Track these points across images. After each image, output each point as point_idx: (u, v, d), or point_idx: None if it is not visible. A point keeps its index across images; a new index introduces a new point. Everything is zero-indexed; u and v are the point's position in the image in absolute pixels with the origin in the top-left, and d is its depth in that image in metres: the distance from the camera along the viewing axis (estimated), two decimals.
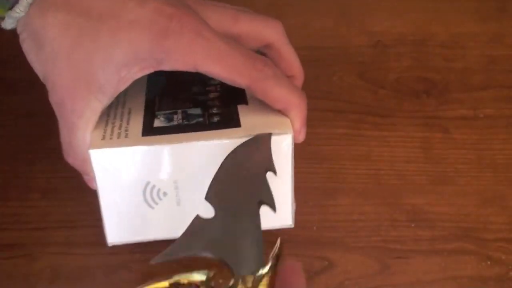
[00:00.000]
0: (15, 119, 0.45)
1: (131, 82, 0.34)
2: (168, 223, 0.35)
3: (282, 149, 0.34)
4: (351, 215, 0.42)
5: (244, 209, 0.30)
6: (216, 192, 0.31)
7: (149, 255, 0.40)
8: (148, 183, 0.34)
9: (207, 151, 0.33)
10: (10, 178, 0.43)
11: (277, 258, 0.30)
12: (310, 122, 0.46)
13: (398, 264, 0.40)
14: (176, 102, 0.36)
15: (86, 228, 0.41)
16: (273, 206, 0.31)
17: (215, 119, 0.35)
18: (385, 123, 0.47)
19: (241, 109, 0.35)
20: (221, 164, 0.32)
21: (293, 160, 0.35)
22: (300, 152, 0.45)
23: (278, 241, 0.30)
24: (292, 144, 0.34)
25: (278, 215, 0.34)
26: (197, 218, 0.30)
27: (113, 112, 0.36)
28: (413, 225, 0.42)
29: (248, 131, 0.33)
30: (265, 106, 0.34)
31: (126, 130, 0.34)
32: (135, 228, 0.35)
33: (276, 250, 0.29)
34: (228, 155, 0.32)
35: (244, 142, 0.33)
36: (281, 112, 0.35)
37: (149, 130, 0.34)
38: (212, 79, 0.35)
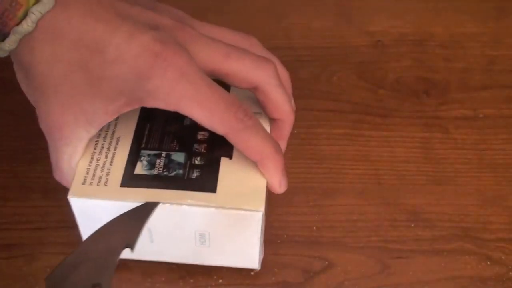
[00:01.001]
0: (15, 119, 0.45)
1: (118, 114, 0.34)
2: (143, 252, 0.38)
3: (252, 222, 0.35)
4: (351, 215, 0.42)
5: None
6: (56, 275, 0.31)
7: None
8: None
9: (178, 212, 0.34)
10: (10, 178, 0.43)
11: None
12: (310, 122, 0.47)
13: (398, 264, 0.40)
14: (163, 140, 0.36)
15: None
16: None
17: (195, 174, 0.35)
18: (385, 123, 0.47)
19: (223, 165, 0.35)
20: (83, 241, 0.32)
21: (263, 226, 0.36)
22: (300, 152, 0.45)
23: None
24: (262, 217, 0.35)
25: (246, 260, 0.38)
26: None
27: (101, 141, 0.36)
28: (413, 225, 0.42)
29: (220, 201, 0.34)
30: (247, 164, 0.35)
31: (107, 175, 0.35)
32: None
33: None
34: (99, 229, 0.32)
35: (126, 212, 0.33)
36: (258, 165, 0.35)
37: (129, 178, 0.35)
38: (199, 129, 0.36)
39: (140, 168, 0.35)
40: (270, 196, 0.36)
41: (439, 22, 0.52)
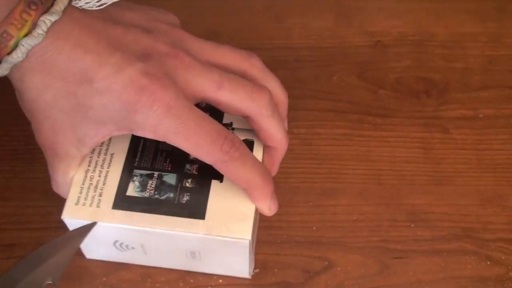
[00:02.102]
0: (15, 119, 0.45)
1: (110, 137, 0.34)
2: (137, 260, 0.40)
3: (240, 248, 0.35)
4: (351, 215, 0.42)
5: None
6: None
7: None
8: (116, 241, 0.37)
9: (169, 236, 0.35)
10: (10, 178, 0.43)
11: None
12: (310, 122, 0.47)
13: (398, 264, 0.40)
14: (156, 158, 0.37)
15: None
16: None
17: (185, 198, 0.35)
18: (385, 123, 0.47)
19: (214, 189, 0.36)
20: (7, 272, 0.32)
21: (253, 246, 0.37)
22: (300, 152, 0.45)
23: None
24: (250, 243, 0.35)
25: (237, 272, 0.39)
26: None
27: (95, 157, 0.37)
28: (413, 225, 0.42)
29: (208, 229, 0.35)
30: (236, 187, 0.35)
31: (100, 195, 0.35)
32: (110, 257, 0.40)
33: None
34: (26, 257, 0.32)
35: (60, 237, 0.34)
36: (246, 192, 0.35)
37: (120, 200, 0.35)
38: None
39: (132, 190, 0.36)
40: None
41: (439, 22, 0.52)
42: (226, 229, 0.35)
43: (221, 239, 0.35)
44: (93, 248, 0.39)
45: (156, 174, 0.36)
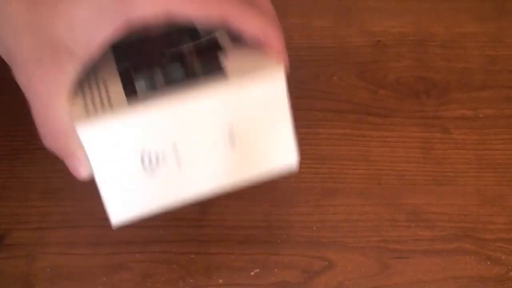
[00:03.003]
0: (15, 119, 0.45)
1: (103, 44, 0.31)
2: (170, 190, 0.34)
3: (277, 89, 0.33)
4: (351, 215, 0.42)
5: None
6: None
7: (149, 255, 0.40)
8: (144, 149, 0.32)
9: (198, 110, 0.32)
10: (10, 178, 0.43)
11: None
12: (310, 122, 0.47)
13: (398, 264, 0.40)
14: (151, 61, 0.33)
15: (86, 228, 0.41)
16: None
17: (200, 71, 0.33)
18: (385, 123, 0.47)
19: (224, 56, 0.33)
20: None
21: (289, 106, 0.34)
22: (300, 152, 0.45)
23: None
24: (285, 80, 0.33)
25: (282, 156, 0.35)
26: None
27: (86, 84, 0.32)
28: (413, 225, 0.42)
29: (236, 83, 0.32)
30: (245, 51, 0.33)
31: (108, 101, 0.31)
32: (138, 201, 0.33)
33: None
34: None
35: None
36: (259, 46, 0.33)
37: (133, 99, 0.31)
38: (183, 41, 0.33)
39: (141, 87, 0.32)
40: (270, 197, 0.36)
41: (439, 22, 0.52)
42: (254, 73, 0.32)
43: (254, 85, 0.32)
44: (119, 195, 0.33)
45: (158, 69, 0.33)
